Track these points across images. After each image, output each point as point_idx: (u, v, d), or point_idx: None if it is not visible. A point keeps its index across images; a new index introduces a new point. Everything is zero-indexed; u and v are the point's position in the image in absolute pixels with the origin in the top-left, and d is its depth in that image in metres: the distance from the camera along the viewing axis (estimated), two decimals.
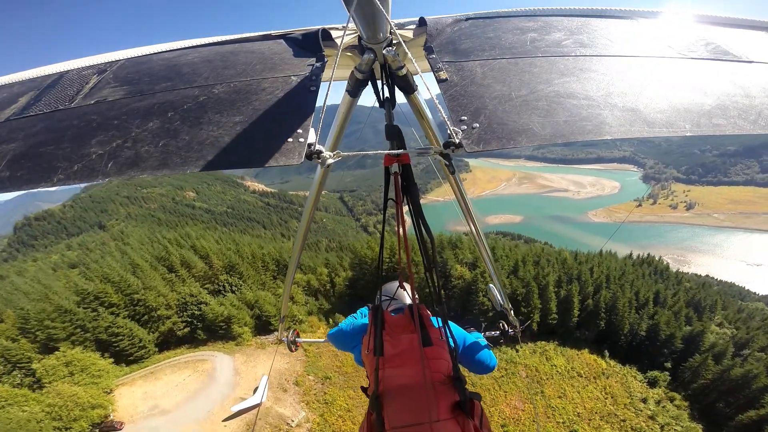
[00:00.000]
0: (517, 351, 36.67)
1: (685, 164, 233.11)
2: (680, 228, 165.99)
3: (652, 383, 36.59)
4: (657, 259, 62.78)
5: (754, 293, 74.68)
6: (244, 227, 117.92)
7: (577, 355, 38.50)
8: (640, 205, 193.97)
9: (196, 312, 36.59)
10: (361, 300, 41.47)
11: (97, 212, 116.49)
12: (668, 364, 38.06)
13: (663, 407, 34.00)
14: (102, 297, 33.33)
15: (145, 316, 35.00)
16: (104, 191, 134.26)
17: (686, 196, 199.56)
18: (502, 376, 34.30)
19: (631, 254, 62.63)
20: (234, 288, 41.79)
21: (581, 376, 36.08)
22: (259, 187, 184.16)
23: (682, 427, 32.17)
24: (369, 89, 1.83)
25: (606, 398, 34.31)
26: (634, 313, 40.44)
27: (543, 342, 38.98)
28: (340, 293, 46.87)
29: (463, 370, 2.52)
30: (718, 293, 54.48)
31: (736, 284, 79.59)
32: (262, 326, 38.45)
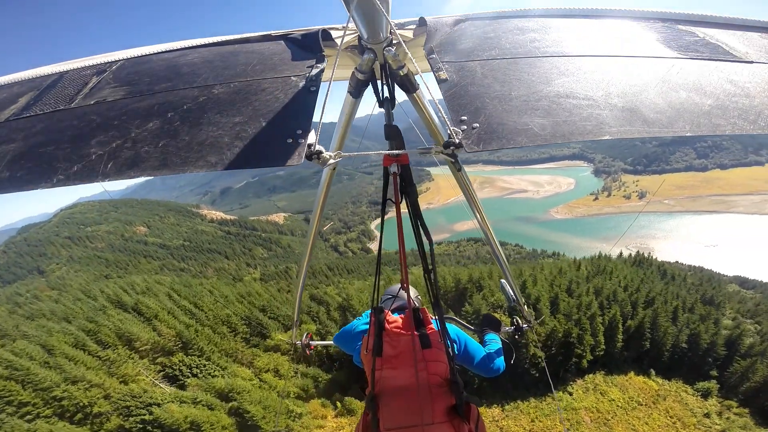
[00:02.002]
0: (570, 394, 34.16)
1: (630, 156, 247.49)
2: (637, 216, 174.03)
3: (705, 395, 35.13)
4: (649, 255, 61.49)
5: (724, 275, 74.45)
6: (205, 260, 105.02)
7: (626, 380, 36.21)
8: (596, 198, 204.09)
9: (146, 417, 24.82)
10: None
11: (34, 256, 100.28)
12: (714, 372, 36.63)
13: (728, 419, 32.65)
14: (6, 396, 22.68)
15: (78, 414, 24.39)
16: (42, 232, 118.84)
17: (636, 185, 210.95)
18: (568, 429, 31.24)
19: (621, 254, 61.96)
20: (195, 370, 29.12)
21: (641, 405, 33.85)
22: (217, 215, 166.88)
23: None
24: (368, 90, 1.84)
25: (675, 423, 32.35)
26: (672, 326, 38.56)
27: (591, 375, 36.07)
28: (338, 355, 33.40)
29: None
30: (718, 285, 53.65)
31: (705, 268, 78.97)
32: (250, 430, 26.79)
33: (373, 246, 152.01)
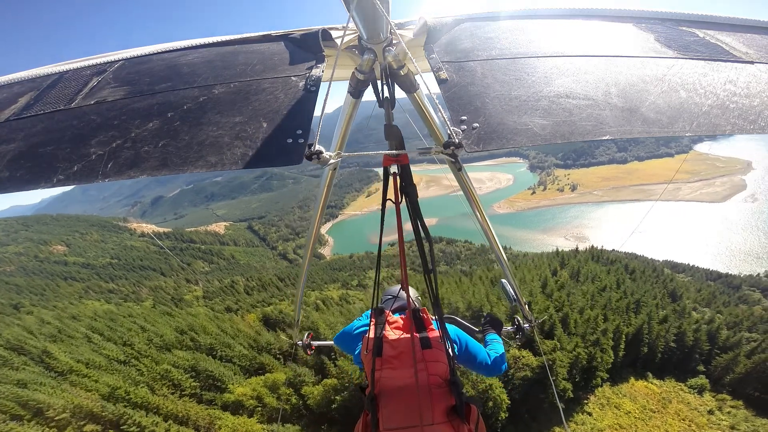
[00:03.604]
0: (590, 414, 32.97)
1: (560, 151, 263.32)
2: (570, 208, 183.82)
3: (700, 391, 35.48)
4: (602, 248, 60.82)
5: (657, 260, 75.53)
6: (137, 279, 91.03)
7: (631, 388, 35.79)
8: (534, 192, 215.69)
9: None
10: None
11: None
12: (701, 367, 37.27)
13: (728, 413, 32.93)
14: None
15: None
16: None
17: (568, 179, 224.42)
18: None
19: (577, 248, 61.67)
20: None
21: (654, 412, 33.47)
22: (149, 228, 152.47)
23: (762, 425, 31.17)
24: (368, 90, 1.83)
25: (690, 425, 32.14)
26: (662, 327, 38.70)
27: (600, 389, 35.07)
28: (319, 408, 25.27)
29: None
30: (673, 276, 54.11)
31: (640, 254, 79.32)
32: None
33: (325, 251, 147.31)
